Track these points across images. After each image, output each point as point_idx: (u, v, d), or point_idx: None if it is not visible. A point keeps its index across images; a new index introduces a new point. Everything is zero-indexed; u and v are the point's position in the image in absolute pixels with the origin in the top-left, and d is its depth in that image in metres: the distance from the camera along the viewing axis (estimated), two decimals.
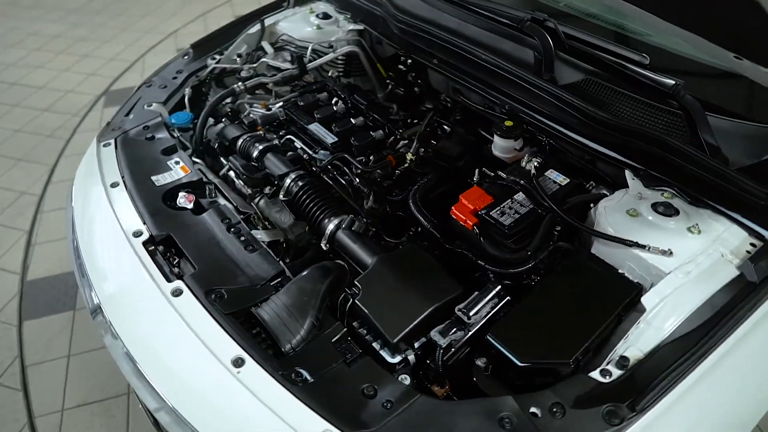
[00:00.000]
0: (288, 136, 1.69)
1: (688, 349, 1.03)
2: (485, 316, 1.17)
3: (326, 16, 2.08)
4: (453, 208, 1.34)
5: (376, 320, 1.15)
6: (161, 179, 1.52)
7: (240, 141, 1.63)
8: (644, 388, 0.99)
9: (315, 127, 1.67)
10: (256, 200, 1.57)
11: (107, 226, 1.40)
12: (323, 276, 1.23)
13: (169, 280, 1.22)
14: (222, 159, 1.75)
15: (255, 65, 1.97)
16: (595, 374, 1.04)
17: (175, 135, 1.72)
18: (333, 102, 1.79)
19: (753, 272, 1.13)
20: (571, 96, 1.50)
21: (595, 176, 1.48)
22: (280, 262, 1.28)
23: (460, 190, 1.50)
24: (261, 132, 1.68)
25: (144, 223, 1.36)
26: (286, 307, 1.16)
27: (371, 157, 1.57)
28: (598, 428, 0.96)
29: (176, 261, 1.31)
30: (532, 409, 0.99)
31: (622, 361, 1.04)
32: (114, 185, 1.50)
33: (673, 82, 1.40)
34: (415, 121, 1.76)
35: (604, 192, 1.43)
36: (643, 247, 1.20)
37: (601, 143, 1.46)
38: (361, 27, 2.05)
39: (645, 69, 1.47)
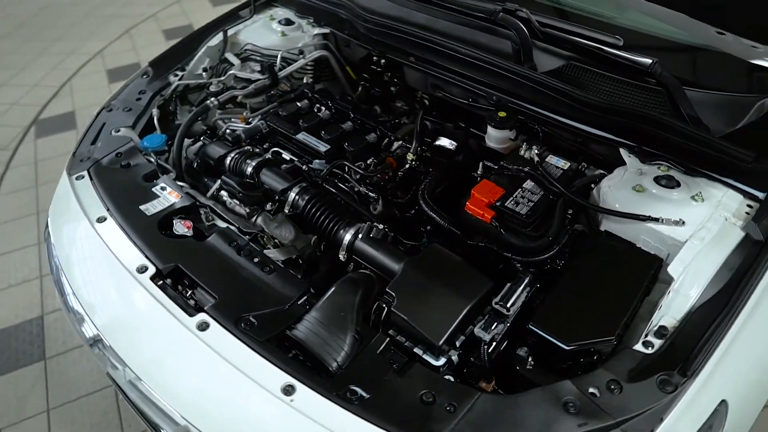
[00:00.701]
0: (274, 149, 1.64)
1: (720, 310, 1.09)
2: (520, 307, 1.18)
3: (289, 22, 2.02)
4: (468, 203, 1.34)
5: (417, 326, 1.13)
6: (151, 208, 1.42)
7: (229, 158, 1.55)
8: (689, 353, 1.04)
9: (303, 137, 1.62)
10: (254, 218, 1.51)
11: (104, 265, 1.30)
12: (354, 288, 1.20)
13: (191, 314, 1.15)
14: (206, 179, 1.66)
15: (223, 78, 1.88)
16: (639, 347, 1.07)
17: (152, 160, 1.62)
18: (316, 109, 1.75)
19: (758, 231, 1.21)
20: (555, 81, 1.55)
21: (589, 157, 1.53)
22: (303, 279, 1.23)
23: (463, 184, 1.51)
24: (248, 147, 1.61)
25: (146, 257, 1.27)
26: (323, 325, 1.12)
27: (369, 161, 1.55)
28: (655, 398, 0.99)
29: (189, 293, 1.23)
30: (591, 390, 1.01)
31: (661, 331, 1.09)
32: (101, 220, 1.39)
33: (650, 61, 1.48)
34: (400, 121, 1.75)
35: (601, 172, 1.48)
36: (656, 219, 1.25)
37: (591, 125, 1.51)
38: (326, 30, 2.01)
39: (621, 50, 1.54)
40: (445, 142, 1.57)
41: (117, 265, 1.27)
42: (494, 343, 1.15)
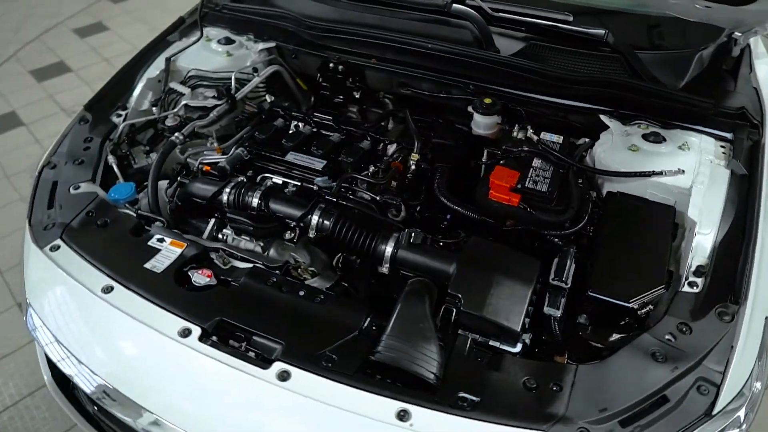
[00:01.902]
0: (263, 175, 1.54)
1: (741, 239, 1.23)
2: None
3: (228, 41, 1.90)
4: (491, 191, 1.37)
5: (493, 318, 1.15)
6: (158, 264, 1.28)
7: (227, 193, 1.43)
8: (732, 283, 1.17)
9: (294, 157, 1.55)
10: (267, 251, 1.42)
11: (135, 338, 1.15)
12: (421, 297, 1.18)
13: (265, 367, 1.06)
14: (193, 221, 1.52)
15: (176, 110, 1.73)
16: (686, 289, 1.18)
17: (131, 212, 1.45)
18: (294, 126, 1.67)
19: (741, 167, 1.38)
20: (524, 61, 1.63)
21: (570, 129, 1.63)
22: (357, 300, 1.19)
23: (468, 175, 1.55)
24: (241, 178, 1.50)
25: (183, 319, 1.15)
26: (406, 341, 1.10)
27: (372, 169, 1.52)
28: (720, 330, 1.10)
29: (243, 345, 1.13)
30: (666, 336, 1.10)
31: (700, 269, 1.21)
32: (107, 290, 1.22)
33: (603, 32, 1.61)
34: (385, 124, 1.73)
35: (586, 140, 1.59)
36: (660, 173, 1.38)
37: (567, 98, 1.61)
38: (272, 44, 1.92)
39: (573, 25, 1.67)
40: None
41: (152, 334, 1.13)
42: (559, 317, 1.20)
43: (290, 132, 1.65)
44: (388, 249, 1.28)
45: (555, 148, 1.50)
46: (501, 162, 1.45)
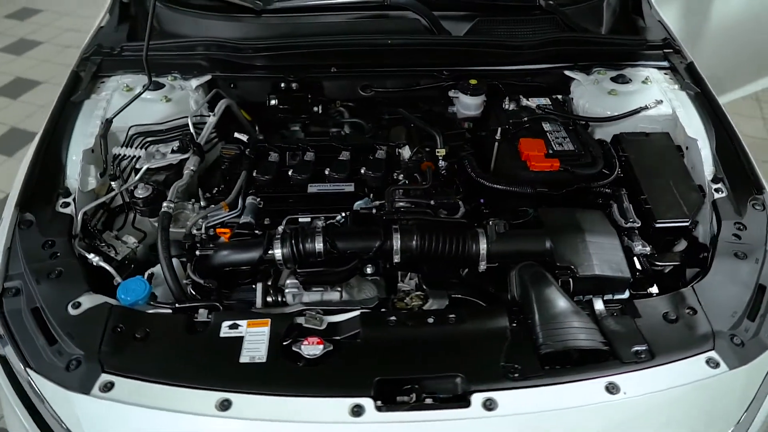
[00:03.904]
0: (288, 217, 1.37)
1: (730, 143, 1.47)
2: None
3: (158, 86, 1.61)
4: (532, 162, 1.42)
5: (608, 274, 1.22)
6: (256, 354, 1.07)
7: (281, 250, 1.24)
8: (747, 177, 1.40)
9: (317, 188, 1.41)
10: (341, 294, 1.29)
11: None
12: (543, 279, 1.18)
13: (466, 404, 0.98)
14: (222, 292, 1.30)
15: (137, 178, 1.43)
16: (718, 195, 1.38)
17: (168, 308, 1.19)
18: (290, 157, 1.51)
19: (692, 86, 1.64)
20: (484, 38, 1.71)
21: (538, 90, 1.75)
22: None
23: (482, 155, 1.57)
24: (281, 229, 1.30)
25: (343, 397, 0.99)
26: (559, 324, 1.10)
27: (400, 177, 1.45)
28: (762, 218, 1.32)
29: (420, 395, 1.02)
30: (733, 237, 1.28)
31: (717, 176, 1.42)
32: (225, 406, 0.98)
33: None
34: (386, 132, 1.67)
35: (558, 96, 1.72)
36: (645, 108, 1.57)
37: (529, 63, 1.73)
38: (208, 77, 1.68)
39: None
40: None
41: (325, 429, 0.96)
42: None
43: (293, 164, 1.49)
44: (482, 246, 1.25)
45: (550, 109, 1.60)
46: (519, 134, 1.51)
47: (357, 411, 0.97)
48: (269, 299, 1.29)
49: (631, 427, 1.01)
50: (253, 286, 1.29)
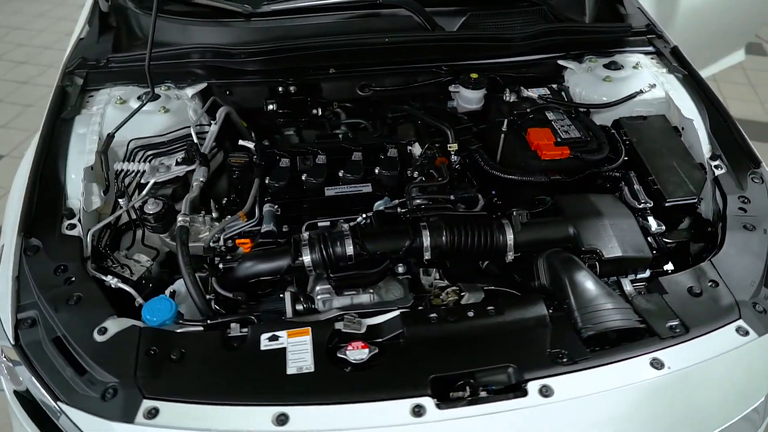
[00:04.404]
0: (307, 223, 1.35)
1: (722, 121, 1.54)
2: None
3: (154, 96, 1.54)
4: (543, 151, 1.45)
5: (632, 255, 1.27)
6: (302, 364, 1.04)
7: (310, 257, 1.21)
8: (741, 153, 1.46)
9: (334, 191, 1.39)
10: (372, 296, 1.27)
11: None
12: (574, 263, 1.21)
13: (522, 393, 0.99)
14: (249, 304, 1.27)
15: (146, 194, 1.37)
16: (719, 172, 1.45)
17: (199, 326, 1.15)
18: (300, 161, 1.48)
19: (680, 68, 1.71)
20: (479, 32, 1.74)
21: (533, 80, 1.78)
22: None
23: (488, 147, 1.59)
24: (307, 234, 1.27)
25: (401, 399, 0.98)
26: (596, 306, 1.13)
27: (415, 174, 1.45)
28: (763, 190, 1.39)
29: (476, 389, 1.02)
30: (740, 210, 1.34)
31: (715, 154, 1.49)
32: (281, 421, 0.96)
33: None
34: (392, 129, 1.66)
35: (554, 86, 1.76)
36: (640, 92, 1.62)
37: (523, 54, 1.76)
38: (204, 85, 1.63)
39: None
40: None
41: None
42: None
43: (306, 168, 1.46)
44: (509, 237, 1.26)
45: (551, 99, 1.63)
46: (526, 125, 1.53)
47: (418, 411, 0.97)
48: (298, 307, 1.27)
49: (678, 400, 1.05)
50: (281, 295, 1.27)
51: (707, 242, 1.40)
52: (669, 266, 1.38)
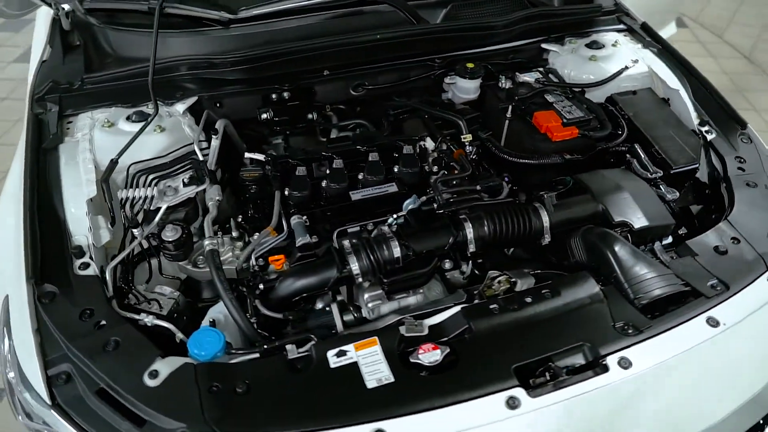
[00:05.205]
0: (338, 230, 1.30)
1: (703, 88, 1.63)
2: None
3: (143, 115, 1.43)
4: (554, 134, 1.48)
5: (658, 223, 1.33)
6: (381, 375, 1.00)
7: (358, 265, 1.17)
8: (727, 116, 1.57)
9: (360, 195, 1.35)
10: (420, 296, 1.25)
11: None
12: (612, 237, 1.24)
13: (603, 370, 1.01)
14: (304, 320, 1.22)
15: (159, 221, 1.27)
16: (711, 137, 1.54)
17: (255, 353, 1.08)
18: (316, 167, 1.43)
19: (654, 44, 1.80)
20: (466, 23, 1.75)
21: (520, 65, 1.82)
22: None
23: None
24: (348, 242, 1.22)
25: (491, 394, 0.97)
26: (643, 277, 1.17)
27: (434, 168, 1.44)
28: (753, 149, 1.50)
29: (557, 372, 1.03)
30: (739, 170, 1.44)
31: (703, 120, 1.58)
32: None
33: None
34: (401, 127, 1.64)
35: (540, 69, 1.80)
36: (626, 68, 1.70)
37: (506, 41, 1.79)
38: (194, 99, 1.53)
39: None
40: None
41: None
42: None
43: (324, 174, 1.41)
44: (545, 220, 1.28)
45: (545, 82, 1.67)
46: (532, 109, 1.56)
47: (512, 403, 0.96)
48: (346, 318, 1.22)
49: (740, 356, 1.11)
50: (327, 308, 1.22)
51: (707, 204, 1.49)
52: (683, 230, 1.45)
